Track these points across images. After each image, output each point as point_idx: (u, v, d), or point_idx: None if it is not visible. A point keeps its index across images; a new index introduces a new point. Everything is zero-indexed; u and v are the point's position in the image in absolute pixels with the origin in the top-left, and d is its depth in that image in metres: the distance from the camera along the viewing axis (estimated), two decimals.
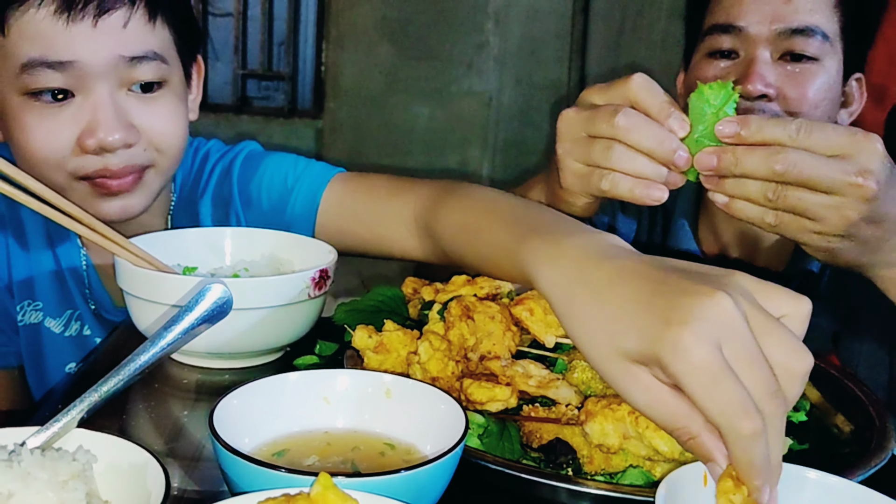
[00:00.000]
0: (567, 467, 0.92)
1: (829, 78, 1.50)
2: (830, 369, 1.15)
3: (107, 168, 1.27)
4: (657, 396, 0.73)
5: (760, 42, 1.49)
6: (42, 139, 1.25)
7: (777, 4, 1.48)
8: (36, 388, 1.52)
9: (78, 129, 1.25)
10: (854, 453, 0.97)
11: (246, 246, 1.39)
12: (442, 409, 0.86)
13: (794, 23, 1.47)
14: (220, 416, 0.81)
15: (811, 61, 1.49)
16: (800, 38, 1.47)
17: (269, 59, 3.14)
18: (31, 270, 1.47)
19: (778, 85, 1.47)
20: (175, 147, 1.36)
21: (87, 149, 1.25)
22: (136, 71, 1.28)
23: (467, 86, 3.12)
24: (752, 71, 1.47)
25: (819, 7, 1.50)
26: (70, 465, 0.73)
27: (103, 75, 1.25)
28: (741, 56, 1.51)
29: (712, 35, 1.54)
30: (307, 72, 3.21)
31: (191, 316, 0.91)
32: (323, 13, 3.06)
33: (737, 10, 1.51)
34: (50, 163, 1.27)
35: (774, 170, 0.96)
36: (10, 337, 1.47)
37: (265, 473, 0.72)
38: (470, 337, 1.04)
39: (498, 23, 3.08)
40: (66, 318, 1.49)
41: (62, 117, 1.25)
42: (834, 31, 1.51)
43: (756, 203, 1.00)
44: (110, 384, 0.83)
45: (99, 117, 1.24)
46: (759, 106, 1.47)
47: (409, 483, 0.73)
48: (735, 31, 1.50)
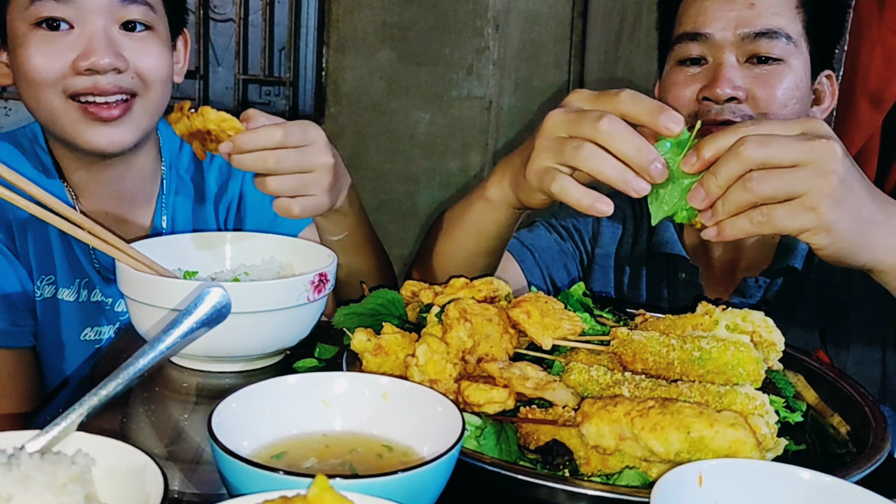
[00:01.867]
0: (564, 468, 0.92)
1: (796, 77, 1.54)
2: (826, 371, 1.15)
3: (96, 86, 1.44)
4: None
5: (726, 47, 1.53)
6: (43, 61, 1.44)
7: (741, 10, 1.53)
8: (51, 361, 1.58)
9: (74, 54, 1.44)
10: (851, 454, 0.97)
11: (246, 250, 1.40)
12: (439, 411, 0.87)
13: (757, 26, 1.51)
14: (219, 419, 0.81)
15: (777, 62, 1.52)
16: (764, 40, 1.51)
17: (269, 64, 3.15)
18: (47, 244, 1.55)
19: (746, 87, 1.51)
20: (158, 80, 1.52)
21: (79, 69, 1.43)
22: (128, 11, 1.47)
23: (467, 90, 3.13)
24: (719, 75, 1.52)
25: (781, 9, 1.54)
26: (69, 468, 0.73)
27: (99, 11, 1.45)
28: (709, 62, 1.56)
29: (681, 43, 1.59)
30: (308, 77, 3.22)
31: (190, 320, 0.91)
32: (324, 19, 3.07)
33: (703, 19, 1.55)
34: (48, 82, 1.44)
35: (744, 157, 1.00)
36: (28, 317, 1.54)
37: (263, 476, 0.72)
38: (468, 339, 1.04)
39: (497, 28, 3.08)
40: (77, 286, 1.58)
41: (62, 44, 1.44)
42: (797, 32, 1.54)
43: (743, 210, 1.03)
44: (109, 388, 0.84)
45: (93, 44, 1.44)
46: (729, 108, 1.51)
47: (407, 485, 0.74)
48: (702, 39, 1.55)
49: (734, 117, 1.51)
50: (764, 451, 0.86)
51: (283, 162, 1.23)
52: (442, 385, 0.99)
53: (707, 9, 1.55)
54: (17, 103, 2.97)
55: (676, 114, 1.04)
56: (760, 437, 0.85)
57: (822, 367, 1.16)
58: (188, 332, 0.91)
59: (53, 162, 1.59)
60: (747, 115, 1.51)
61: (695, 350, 1.00)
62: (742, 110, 1.51)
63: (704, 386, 0.95)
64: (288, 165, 1.23)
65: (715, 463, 0.78)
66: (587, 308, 1.25)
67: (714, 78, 1.52)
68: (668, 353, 1.01)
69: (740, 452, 0.83)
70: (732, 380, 0.97)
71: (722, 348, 0.99)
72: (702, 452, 0.83)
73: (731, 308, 1.12)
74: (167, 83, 1.56)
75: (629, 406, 0.88)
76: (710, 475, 0.76)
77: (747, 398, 0.91)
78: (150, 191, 1.68)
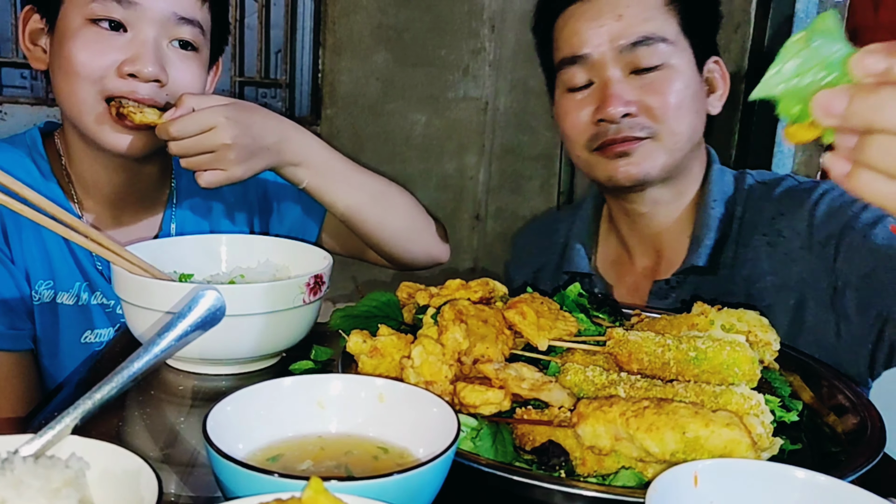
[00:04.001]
0: (560, 469, 0.92)
1: (683, 77, 1.53)
2: (822, 370, 1.15)
3: (134, 92, 1.46)
4: None
5: (608, 63, 1.52)
6: (91, 56, 1.46)
7: (610, 24, 1.52)
8: (50, 364, 1.58)
9: (122, 57, 1.46)
10: (846, 453, 0.97)
11: (242, 252, 1.40)
12: (434, 413, 0.86)
13: (632, 37, 1.50)
14: (215, 422, 0.81)
15: (660, 68, 1.51)
16: (642, 48, 1.50)
17: (266, 66, 3.15)
18: (44, 246, 1.55)
19: (637, 99, 1.51)
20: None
21: (122, 73, 1.45)
22: (181, 30, 1.51)
23: (463, 92, 3.12)
24: (608, 94, 1.51)
25: (651, 14, 1.53)
26: (62, 472, 0.73)
27: (155, 22, 1.48)
28: (596, 83, 1.55)
29: (563, 69, 1.59)
30: (304, 79, 3.22)
31: (184, 323, 0.91)
32: (319, 20, 3.07)
33: (577, 40, 1.55)
34: (91, 78, 1.46)
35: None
36: (26, 321, 1.54)
37: (258, 478, 0.72)
38: (463, 341, 1.04)
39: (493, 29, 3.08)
40: (77, 290, 1.58)
41: (113, 44, 1.46)
42: (674, 32, 1.53)
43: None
44: (104, 391, 0.83)
45: (143, 52, 1.46)
46: (626, 124, 1.50)
47: (402, 486, 0.73)
48: (581, 60, 1.55)
49: (633, 132, 1.51)
50: (759, 450, 0.86)
51: (182, 146, 1.37)
52: (438, 387, 0.99)
53: (579, 29, 1.55)
54: (12, 107, 2.97)
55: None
56: (756, 437, 0.85)
57: (817, 366, 1.16)
58: (183, 335, 0.90)
59: (51, 169, 1.59)
60: (645, 127, 1.50)
61: (690, 350, 1.00)
62: (640, 123, 1.51)
63: (700, 386, 0.95)
64: (188, 146, 1.37)
65: (710, 463, 0.78)
66: (583, 308, 1.25)
67: (604, 98, 1.51)
68: (664, 354, 1.01)
69: (735, 452, 0.83)
70: (728, 379, 0.97)
71: (717, 348, 0.99)
72: (697, 452, 0.83)
73: (726, 308, 1.12)
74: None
75: (625, 406, 0.88)
76: (706, 475, 0.76)
77: (742, 398, 0.91)
78: (156, 198, 1.69)
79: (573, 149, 1.62)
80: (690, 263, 1.55)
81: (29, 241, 1.53)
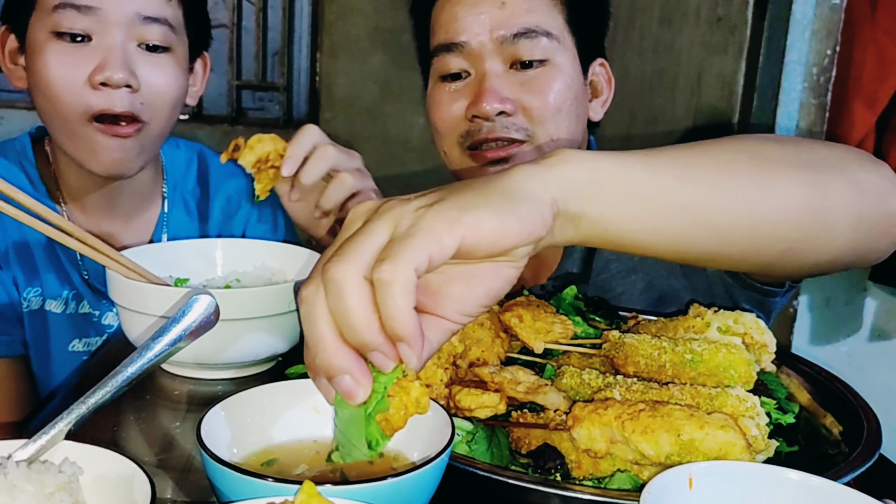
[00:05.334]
0: (555, 473, 0.92)
1: (566, 77, 1.45)
2: (819, 372, 1.15)
3: (112, 107, 1.42)
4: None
5: (486, 54, 1.43)
6: (60, 73, 1.42)
7: (491, 11, 1.42)
8: (41, 372, 1.58)
9: (90, 67, 1.42)
10: (843, 454, 0.97)
11: (237, 256, 1.39)
12: (429, 417, 0.86)
13: (513, 27, 1.41)
14: (209, 427, 0.81)
15: (542, 64, 1.43)
16: (524, 41, 1.41)
17: (263, 69, 3.14)
18: (31, 256, 1.54)
19: (515, 97, 1.42)
20: (167, 106, 1.51)
21: (94, 83, 1.41)
22: (147, 31, 1.46)
23: None
24: (483, 88, 1.41)
25: (535, 5, 1.43)
26: (56, 476, 0.73)
27: (119, 26, 1.43)
28: (472, 74, 1.46)
29: (438, 56, 1.48)
30: (302, 82, 3.22)
31: (178, 327, 0.91)
32: (317, 23, 3.06)
33: (455, 26, 1.44)
34: (65, 97, 1.43)
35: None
36: (16, 326, 1.53)
37: (252, 483, 0.72)
38: (459, 344, 1.04)
39: None
40: (65, 298, 1.57)
41: (79, 56, 1.42)
42: (559, 27, 1.45)
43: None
44: (97, 396, 0.83)
45: (110, 57, 1.42)
46: (501, 124, 1.42)
47: (396, 490, 0.73)
48: (458, 49, 1.44)
49: (508, 133, 1.42)
50: (754, 452, 0.86)
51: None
52: (433, 390, 0.99)
53: (457, 15, 1.44)
54: (8, 111, 2.96)
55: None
56: (751, 439, 0.85)
57: (814, 368, 1.16)
58: (177, 339, 0.90)
59: (40, 176, 1.59)
60: (522, 128, 1.43)
61: (686, 352, 1.00)
62: (515, 123, 1.42)
63: (695, 388, 0.95)
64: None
65: (705, 465, 0.78)
66: (579, 311, 1.25)
67: (479, 93, 1.42)
68: (660, 356, 1.01)
69: (730, 454, 0.83)
70: (724, 382, 0.97)
71: (713, 350, 0.99)
72: (692, 455, 0.83)
73: (722, 310, 1.12)
74: (175, 107, 1.54)
75: (620, 409, 0.88)
76: (700, 477, 0.76)
77: (738, 400, 0.91)
78: (147, 210, 1.68)
79: (442, 143, 1.53)
80: (565, 269, 1.50)
81: (15, 247, 1.53)
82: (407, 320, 0.67)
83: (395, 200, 0.74)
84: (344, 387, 0.72)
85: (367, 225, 0.72)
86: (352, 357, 0.71)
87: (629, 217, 0.80)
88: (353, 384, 0.71)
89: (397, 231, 0.69)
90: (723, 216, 0.84)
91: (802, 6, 2.56)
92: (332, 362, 0.71)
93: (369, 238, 0.70)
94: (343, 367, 0.71)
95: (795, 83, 2.59)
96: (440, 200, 0.71)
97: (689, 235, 0.84)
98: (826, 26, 2.56)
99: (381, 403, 0.73)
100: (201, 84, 1.68)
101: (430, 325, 0.74)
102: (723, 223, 0.84)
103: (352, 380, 0.71)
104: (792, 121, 2.61)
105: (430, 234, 0.68)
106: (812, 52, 2.57)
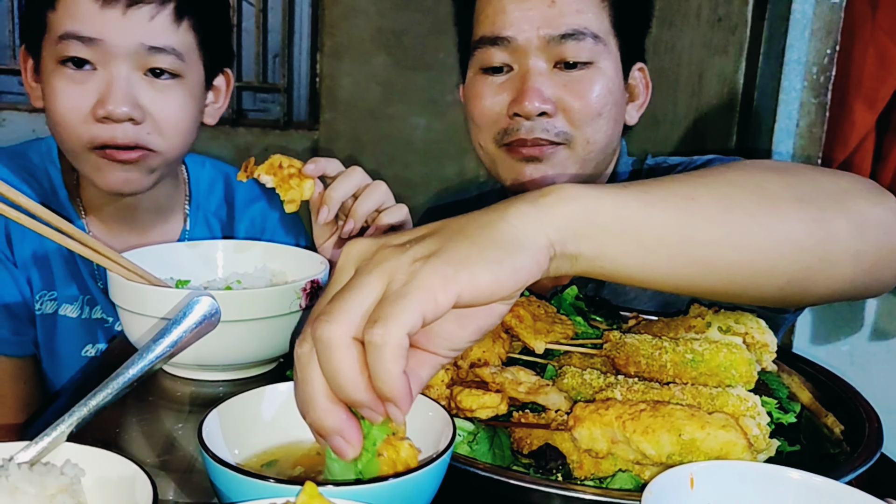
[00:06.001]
0: (557, 473, 0.92)
1: (608, 80, 1.43)
2: (820, 372, 1.15)
3: (114, 139, 1.42)
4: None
5: (531, 52, 1.40)
6: (65, 103, 1.42)
7: (541, 8, 1.39)
8: (51, 374, 1.59)
9: (94, 98, 1.41)
10: (845, 454, 0.97)
11: (239, 258, 1.40)
12: (430, 417, 0.86)
13: (561, 27, 1.39)
14: (210, 428, 0.81)
15: (586, 66, 1.41)
16: (571, 42, 1.39)
17: (263, 71, 3.15)
18: (47, 260, 1.55)
19: (556, 98, 1.40)
20: (176, 134, 1.49)
21: (97, 116, 1.41)
22: (154, 60, 1.44)
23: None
24: (527, 87, 1.39)
25: (586, 6, 1.41)
26: (58, 478, 0.73)
27: (123, 56, 1.41)
28: (515, 69, 1.43)
29: (481, 48, 1.45)
30: (302, 83, 3.22)
31: (179, 329, 0.91)
32: (317, 25, 3.07)
33: (502, 20, 1.41)
34: (70, 128, 1.43)
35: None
36: (28, 326, 1.54)
37: (253, 484, 0.72)
38: None
39: None
40: (80, 303, 1.58)
41: (84, 86, 1.42)
42: (605, 29, 1.43)
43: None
44: (99, 398, 0.83)
45: (112, 90, 1.41)
46: (541, 125, 1.40)
47: (396, 491, 0.73)
48: (503, 43, 1.42)
49: (547, 136, 1.41)
50: (756, 452, 0.86)
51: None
52: (434, 391, 0.99)
53: (505, 7, 1.41)
54: (10, 114, 2.97)
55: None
56: (752, 439, 0.85)
57: (815, 367, 1.16)
58: (177, 340, 0.90)
59: (63, 182, 1.60)
60: (561, 132, 1.41)
61: (687, 352, 1.00)
62: (555, 126, 1.41)
63: (696, 388, 0.95)
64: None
65: (706, 465, 0.78)
66: (580, 311, 1.25)
67: (522, 90, 1.39)
68: (661, 356, 1.01)
69: (732, 454, 0.83)
70: (725, 381, 0.97)
71: (714, 350, 0.99)
72: (693, 454, 0.83)
73: (723, 310, 1.12)
74: (188, 132, 1.53)
75: (621, 409, 0.88)
76: (702, 477, 0.76)
77: (739, 400, 0.91)
78: (167, 224, 1.68)
79: (478, 136, 1.50)
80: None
81: (32, 250, 1.54)
82: (396, 383, 0.68)
83: (390, 249, 0.72)
84: (335, 446, 0.73)
85: (358, 277, 0.71)
86: (342, 417, 0.72)
87: (626, 255, 0.79)
88: (343, 444, 0.73)
89: (391, 288, 0.69)
90: (721, 253, 0.83)
91: (802, 6, 2.56)
92: (323, 423, 0.72)
93: (360, 294, 0.69)
94: (333, 429, 0.72)
95: (795, 83, 2.59)
96: (436, 253, 0.70)
97: (685, 273, 0.83)
98: (826, 26, 2.56)
99: (371, 462, 0.74)
100: (224, 100, 1.66)
101: (420, 360, 0.74)
102: (720, 261, 0.83)
103: (342, 440, 0.72)
104: (792, 120, 2.62)
105: (425, 293, 0.67)
106: (812, 51, 2.57)
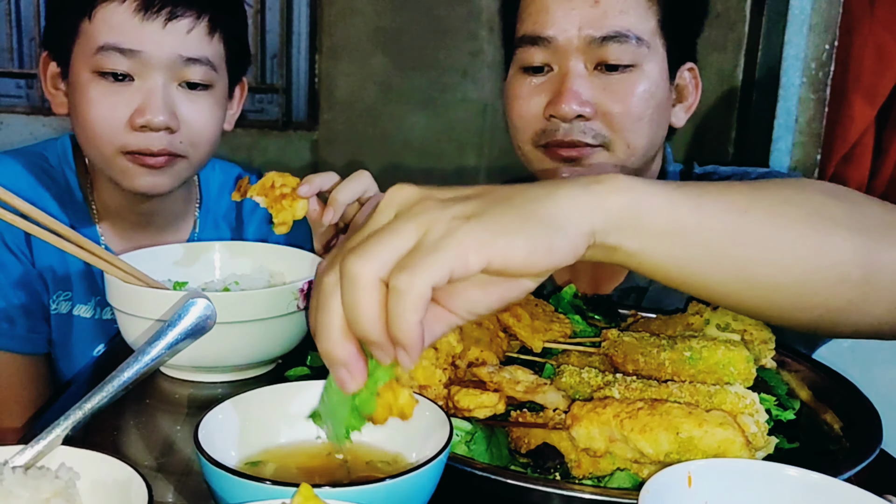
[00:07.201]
0: (555, 472, 0.92)
1: (651, 84, 1.39)
2: (819, 368, 1.15)
3: (149, 147, 1.46)
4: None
5: (572, 52, 1.37)
6: (101, 113, 1.45)
7: (584, 9, 1.36)
8: (67, 372, 1.61)
9: (132, 108, 1.45)
10: (844, 450, 0.97)
11: (236, 259, 1.39)
12: (427, 417, 0.86)
13: (603, 29, 1.35)
14: (207, 430, 0.81)
15: (628, 69, 1.37)
16: (613, 44, 1.35)
17: (262, 71, 3.14)
18: (64, 260, 1.57)
19: (595, 101, 1.37)
20: (205, 143, 1.54)
21: (135, 126, 1.44)
22: (189, 71, 1.48)
23: (462, 94, 3.12)
24: (564, 89, 1.36)
25: (630, 6, 1.37)
26: (52, 482, 0.73)
27: (161, 68, 1.45)
28: (555, 70, 1.40)
29: (522, 47, 1.42)
30: (301, 84, 3.21)
31: (174, 331, 0.91)
32: (315, 25, 3.06)
33: (544, 19, 1.38)
34: (104, 136, 1.46)
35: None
36: (43, 324, 1.56)
37: (250, 486, 0.72)
38: (457, 344, 1.04)
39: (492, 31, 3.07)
40: (94, 304, 1.60)
41: (121, 97, 1.45)
42: (650, 30, 1.38)
43: None
44: (94, 401, 0.83)
45: (150, 101, 1.44)
46: (578, 127, 1.37)
47: (393, 491, 0.73)
48: (544, 43, 1.38)
49: (584, 138, 1.37)
50: (754, 449, 0.86)
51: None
52: (432, 391, 0.99)
53: (548, 6, 1.38)
54: (8, 116, 2.97)
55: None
56: (750, 436, 0.85)
57: (814, 364, 1.16)
58: (173, 342, 0.90)
59: (79, 183, 1.61)
60: (599, 135, 1.37)
61: (685, 350, 1.00)
62: (593, 129, 1.37)
63: (694, 386, 0.94)
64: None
65: (704, 463, 0.78)
66: (579, 310, 1.25)
67: (560, 92, 1.36)
68: (659, 354, 1.01)
69: (729, 452, 0.82)
70: (724, 379, 0.97)
71: (713, 347, 0.99)
72: (691, 453, 0.83)
73: (721, 307, 1.11)
74: (214, 141, 1.58)
75: (618, 408, 0.88)
76: (700, 475, 0.76)
77: (737, 397, 0.91)
78: (178, 228, 1.70)
79: (517, 138, 1.48)
80: (634, 283, 1.47)
81: (49, 251, 1.54)
82: (411, 331, 0.67)
83: (433, 202, 0.72)
84: (339, 376, 0.73)
85: (396, 222, 0.71)
86: (352, 351, 0.71)
87: (667, 256, 0.77)
88: (347, 376, 0.72)
89: (426, 238, 0.68)
90: (766, 271, 0.80)
91: (800, 1, 2.55)
92: (333, 352, 0.71)
93: (395, 239, 0.69)
94: (342, 359, 0.71)
95: (794, 78, 2.59)
96: (477, 215, 0.70)
97: (723, 284, 0.80)
98: (824, 21, 2.55)
99: (369, 401, 0.74)
100: (238, 107, 1.70)
101: (437, 316, 0.73)
102: (765, 279, 0.81)
103: (347, 373, 0.72)
104: (791, 116, 2.61)
105: (457, 251, 0.67)
106: (810, 46, 2.57)
